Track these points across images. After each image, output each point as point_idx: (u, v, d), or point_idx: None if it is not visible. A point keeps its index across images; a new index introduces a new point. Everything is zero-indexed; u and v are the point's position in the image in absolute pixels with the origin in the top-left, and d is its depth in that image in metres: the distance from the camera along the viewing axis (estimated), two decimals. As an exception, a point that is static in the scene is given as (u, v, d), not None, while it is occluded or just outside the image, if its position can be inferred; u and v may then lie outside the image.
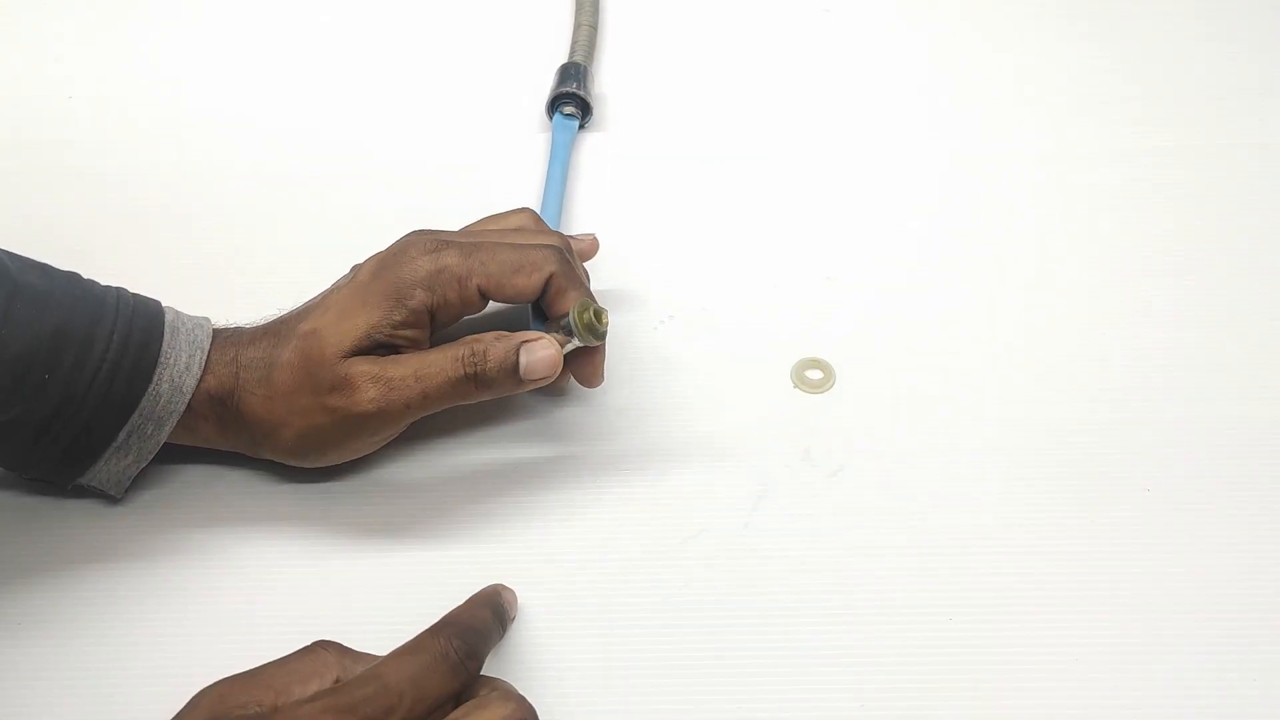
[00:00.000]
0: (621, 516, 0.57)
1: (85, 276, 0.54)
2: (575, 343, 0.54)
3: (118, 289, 0.54)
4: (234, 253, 0.68)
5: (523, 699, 0.45)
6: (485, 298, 0.55)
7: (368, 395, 0.52)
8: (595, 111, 0.76)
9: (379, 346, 0.53)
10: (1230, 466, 0.58)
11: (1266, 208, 0.71)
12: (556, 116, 0.74)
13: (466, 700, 0.45)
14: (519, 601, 0.52)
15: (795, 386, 0.62)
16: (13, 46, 0.81)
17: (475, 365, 0.52)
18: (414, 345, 0.54)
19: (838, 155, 0.75)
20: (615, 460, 0.59)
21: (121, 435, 0.53)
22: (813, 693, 0.51)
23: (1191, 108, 0.78)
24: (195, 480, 0.57)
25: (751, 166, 0.74)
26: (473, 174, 0.73)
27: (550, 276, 0.55)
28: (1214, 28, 0.83)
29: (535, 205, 0.70)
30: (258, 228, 0.70)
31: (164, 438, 0.53)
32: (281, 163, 0.74)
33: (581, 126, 0.75)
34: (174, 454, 0.56)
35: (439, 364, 0.52)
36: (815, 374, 0.62)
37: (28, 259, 0.53)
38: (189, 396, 0.53)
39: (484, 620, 0.48)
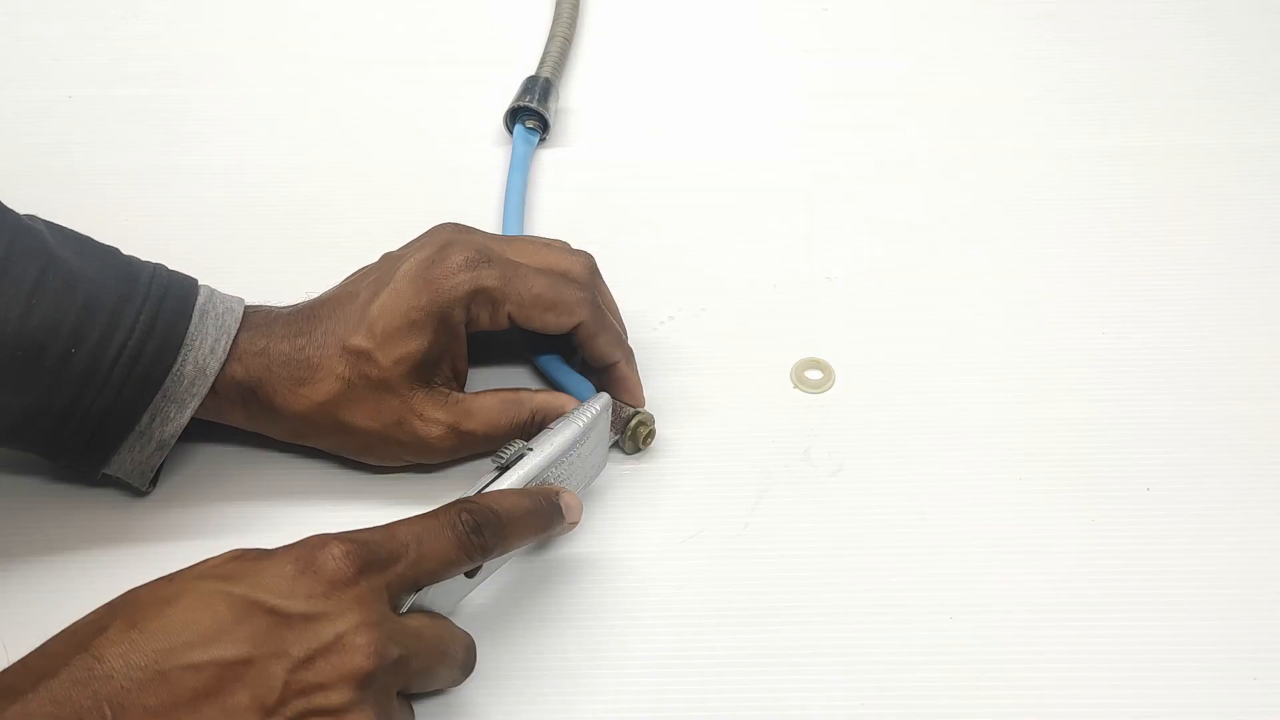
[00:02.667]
0: (621, 516, 0.57)
1: (125, 252, 0.55)
2: (612, 436, 0.57)
3: (155, 266, 0.54)
4: (227, 251, 0.68)
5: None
6: (513, 323, 0.56)
7: (443, 445, 0.56)
8: (585, 119, 0.76)
9: (430, 368, 0.55)
10: (1230, 466, 0.58)
11: (1266, 207, 0.71)
12: (518, 129, 0.74)
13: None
14: (579, 512, 0.52)
15: (795, 386, 0.62)
16: (13, 46, 0.81)
17: (532, 435, 0.56)
18: (459, 361, 0.56)
19: (837, 154, 0.75)
20: (614, 460, 0.58)
21: (145, 418, 0.53)
22: (813, 692, 0.51)
23: (1191, 108, 0.78)
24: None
25: (750, 166, 0.74)
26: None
27: (580, 323, 0.56)
28: (1209, 28, 0.83)
29: (496, 215, 0.70)
30: (246, 225, 0.70)
31: (185, 421, 0.54)
32: (277, 162, 0.74)
33: (541, 139, 0.74)
34: (202, 434, 0.57)
35: (505, 429, 0.56)
36: (815, 374, 0.62)
37: (68, 231, 0.54)
38: (212, 380, 0.53)
39: (512, 506, 0.49)
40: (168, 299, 0.53)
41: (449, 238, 0.56)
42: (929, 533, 0.56)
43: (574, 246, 0.60)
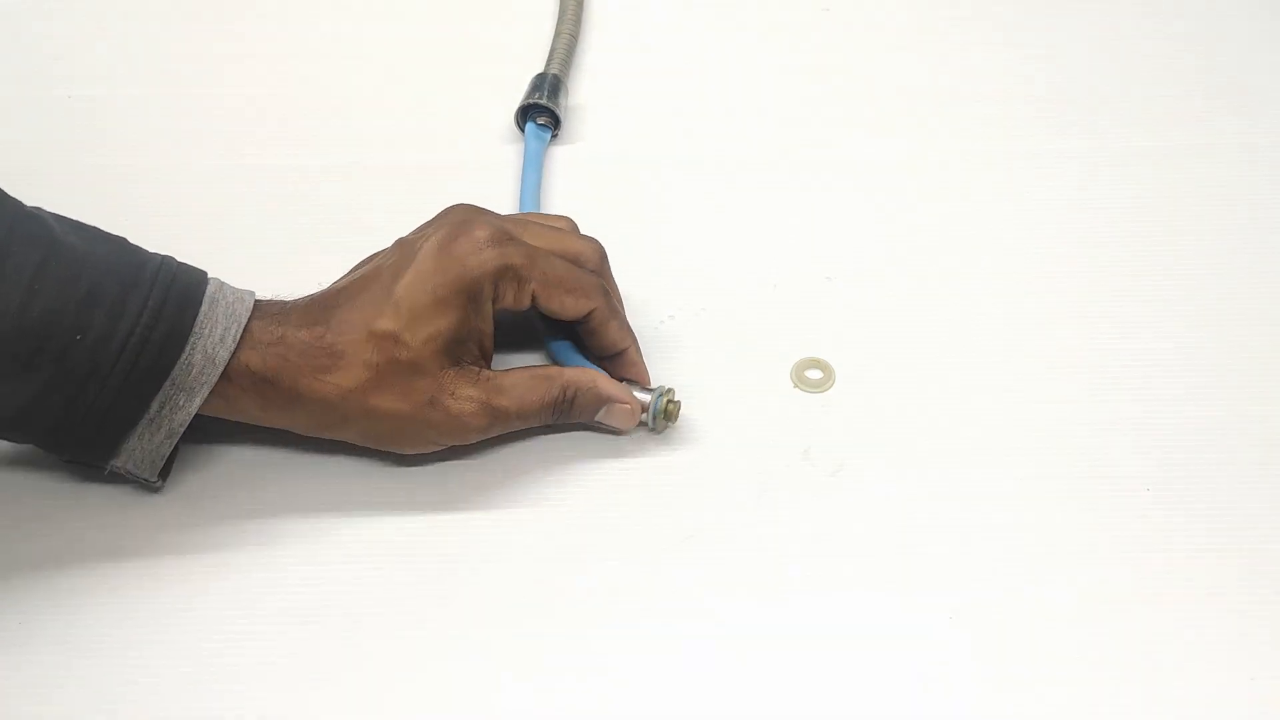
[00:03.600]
0: (621, 515, 0.57)
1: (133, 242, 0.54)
2: (645, 416, 0.58)
3: (164, 256, 0.54)
4: (229, 251, 0.67)
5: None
6: (534, 304, 0.56)
7: (477, 424, 0.55)
8: (590, 116, 0.76)
9: (459, 345, 0.55)
10: (1230, 466, 0.58)
11: (1266, 207, 0.71)
12: (530, 126, 0.74)
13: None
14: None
15: (795, 386, 0.62)
16: (13, 46, 0.81)
17: (563, 412, 0.57)
18: (486, 339, 0.56)
19: (837, 155, 0.75)
20: (615, 459, 0.59)
21: (154, 406, 0.52)
22: (813, 692, 0.51)
23: (1190, 108, 0.77)
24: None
25: (750, 166, 0.74)
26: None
27: (595, 309, 0.57)
28: (1209, 28, 0.83)
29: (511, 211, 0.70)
30: (249, 224, 0.70)
31: (195, 409, 0.53)
32: (280, 164, 0.74)
33: (553, 136, 0.74)
34: (212, 435, 0.57)
35: (536, 405, 0.56)
36: (815, 374, 0.62)
37: (75, 221, 0.53)
38: (222, 368, 0.52)
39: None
40: (175, 287, 0.52)
41: (466, 216, 0.56)
42: (929, 532, 0.56)
43: (582, 231, 0.60)
